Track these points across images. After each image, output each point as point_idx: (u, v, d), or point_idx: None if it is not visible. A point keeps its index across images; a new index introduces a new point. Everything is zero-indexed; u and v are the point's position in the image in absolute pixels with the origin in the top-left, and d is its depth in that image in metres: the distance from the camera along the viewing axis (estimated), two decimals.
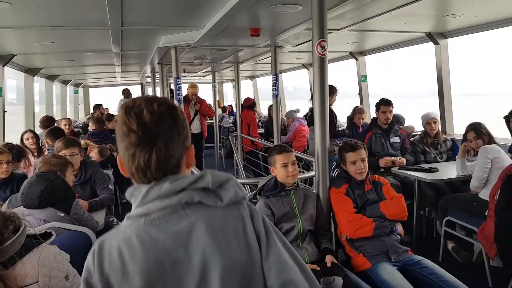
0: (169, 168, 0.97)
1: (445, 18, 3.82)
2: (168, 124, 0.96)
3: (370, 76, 6.37)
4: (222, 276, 0.92)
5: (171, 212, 0.95)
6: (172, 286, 0.93)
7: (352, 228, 2.45)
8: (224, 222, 0.97)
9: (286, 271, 0.98)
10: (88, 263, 0.98)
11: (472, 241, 3.35)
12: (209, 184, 0.97)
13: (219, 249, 0.93)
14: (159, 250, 0.92)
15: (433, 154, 4.32)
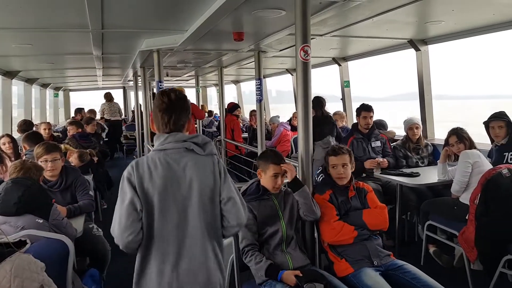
0: (179, 127, 1.72)
1: (426, 25, 3.89)
2: (181, 103, 1.74)
3: (354, 80, 6.44)
4: (199, 189, 1.70)
5: (178, 151, 1.70)
6: (175, 188, 1.68)
7: (334, 235, 2.45)
8: (203, 163, 1.73)
9: (231, 192, 1.75)
10: (129, 169, 1.67)
11: (453, 245, 3.39)
12: (199, 141, 1.73)
13: (198, 176, 1.70)
14: (170, 169, 1.68)
15: (414, 159, 4.37)
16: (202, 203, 1.69)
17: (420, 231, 3.98)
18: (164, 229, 1.66)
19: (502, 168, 2.99)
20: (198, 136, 1.75)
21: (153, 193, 1.65)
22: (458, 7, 3.18)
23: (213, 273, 1.71)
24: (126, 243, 1.65)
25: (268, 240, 2.38)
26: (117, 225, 1.65)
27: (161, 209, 1.65)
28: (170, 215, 1.66)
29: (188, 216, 1.68)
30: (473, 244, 2.98)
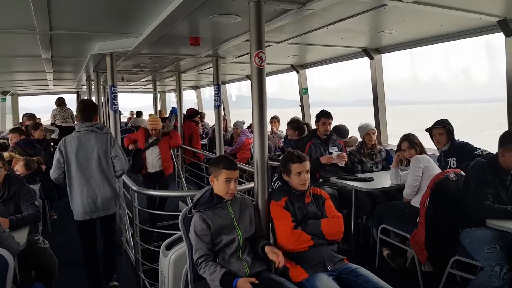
0: (89, 119, 3.24)
1: (379, 35, 4.02)
2: (90, 106, 3.34)
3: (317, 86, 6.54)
4: (97, 151, 3.18)
5: (86, 132, 3.19)
6: (83, 151, 3.16)
7: (291, 244, 2.44)
8: (101, 137, 3.21)
9: (117, 152, 3.25)
10: (60, 143, 3.19)
11: (406, 248, 3.49)
12: (99, 126, 3.26)
13: (97, 144, 3.19)
14: (81, 141, 3.17)
15: (369, 164, 4.49)
16: (99, 158, 3.21)
17: (374, 235, 4.08)
18: (78, 172, 3.18)
19: (450, 172, 3.12)
20: (98, 124, 3.32)
21: (71, 154, 3.17)
22: (408, 18, 3.31)
23: (108, 195, 3.27)
24: (54, 179, 3.23)
25: (223, 248, 2.34)
26: (52, 170, 3.21)
27: (76, 162, 3.17)
28: (80, 165, 3.18)
29: (91, 165, 3.20)
30: (424, 246, 3.08)
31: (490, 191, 2.68)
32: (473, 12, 3.05)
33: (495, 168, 2.73)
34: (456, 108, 65.29)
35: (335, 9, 2.99)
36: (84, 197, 3.16)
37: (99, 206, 3.22)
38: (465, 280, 2.95)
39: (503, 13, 3.15)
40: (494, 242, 2.61)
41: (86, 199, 3.17)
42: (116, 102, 4.38)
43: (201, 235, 2.29)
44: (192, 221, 2.37)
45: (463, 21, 3.35)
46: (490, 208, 2.62)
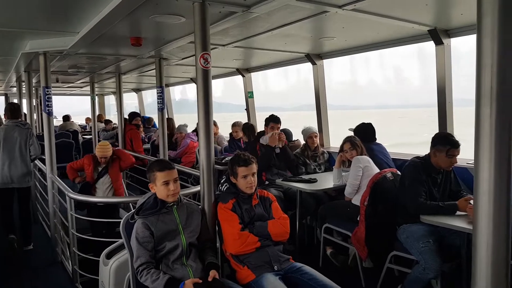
0: (15, 116, 4.39)
1: (320, 41, 4.15)
2: (16, 107, 4.52)
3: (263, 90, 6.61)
4: (19, 140, 4.26)
5: (12, 126, 4.29)
6: (8, 140, 4.25)
7: (238, 246, 2.42)
8: (23, 130, 4.31)
9: (32, 141, 4.34)
10: None
11: (347, 245, 3.62)
12: (22, 122, 4.40)
13: (19, 135, 4.27)
14: (7, 133, 4.26)
15: (312, 165, 4.62)
16: (20, 146, 4.24)
17: (318, 234, 4.19)
18: (5, 153, 4.18)
19: (387, 172, 3.30)
20: (22, 120, 4.44)
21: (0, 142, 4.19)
22: (348, 25, 3.45)
23: (23, 172, 4.24)
24: None
25: (167, 255, 2.27)
26: None
27: (3, 147, 4.18)
28: (6, 149, 4.19)
29: (14, 150, 4.21)
30: (364, 243, 3.22)
31: (424, 189, 2.86)
32: (407, 21, 3.26)
33: (427, 168, 2.92)
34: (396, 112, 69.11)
35: (279, 14, 3.04)
36: (5, 171, 4.18)
37: (15, 180, 4.21)
38: (403, 273, 3.12)
39: (433, 23, 3.40)
40: (427, 236, 2.79)
41: (7, 173, 4.18)
42: (50, 105, 4.09)
43: (143, 242, 2.20)
44: (134, 227, 2.28)
45: (398, 30, 3.56)
46: (424, 205, 2.79)
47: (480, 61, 0.98)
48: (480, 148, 0.98)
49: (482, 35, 0.96)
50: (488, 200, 0.98)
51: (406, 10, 3.02)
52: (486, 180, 0.98)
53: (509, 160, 0.97)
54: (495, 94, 0.94)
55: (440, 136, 2.93)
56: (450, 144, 2.82)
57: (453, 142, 2.82)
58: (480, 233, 1.02)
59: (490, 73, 0.95)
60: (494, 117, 0.94)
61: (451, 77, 3.66)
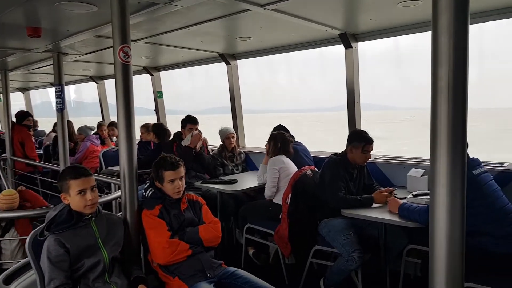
0: None
1: (236, 40, 4.12)
2: None
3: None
4: None
5: None
6: None
7: (168, 255, 2.25)
8: None
9: None
10: None
11: (268, 243, 3.65)
12: None
13: None
14: None
15: (230, 166, 4.59)
16: None
17: (238, 235, 4.16)
18: None
19: (306, 169, 3.40)
20: None
21: None
22: (266, 25, 3.48)
23: None
24: None
25: (86, 274, 2.00)
26: None
27: None
28: None
29: None
30: (287, 240, 3.28)
31: (343, 184, 3.01)
32: (322, 24, 3.39)
33: (345, 163, 3.09)
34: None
35: (200, 9, 2.93)
36: None
37: None
38: (322, 267, 3.24)
39: (343, 27, 3.60)
40: (348, 229, 2.94)
41: None
42: None
43: (57, 261, 1.91)
44: (45, 245, 1.96)
45: (312, 32, 3.69)
46: (344, 199, 2.94)
47: (436, 59, 1.00)
48: (436, 144, 1.01)
49: (438, 33, 0.99)
50: (445, 193, 1.01)
51: (322, 13, 3.14)
52: (444, 173, 1.01)
53: (464, 154, 1.01)
54: (451, 90, 0.97)
55: (356, 133, 3.12)
56: (365, 140, 3.01)
57: (368, 139, 3.02)
58: (438, 225, 1.05)
59: (447, 70, 0.97)
60: (451, 113, 0.97)
61: (359, 79, 3.93)
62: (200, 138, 4.24)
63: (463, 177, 0.99)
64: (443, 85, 0.99)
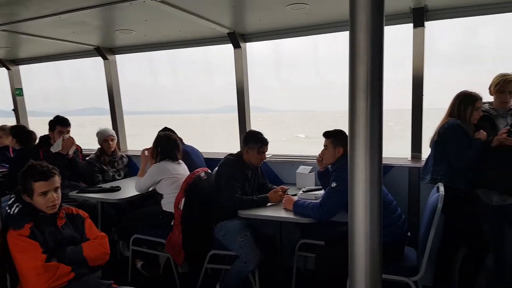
0: None
1: (116, 33, 3.75)
2: None
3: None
4: None
5: None
6: None
7: (45, 283, 1.88)
8: None
9: None
10: None
11: (158, 253, 3.42)
12: None
13: None
14: None
15: (111, 172, 4.17)
16: None
17: (122, 248, 3.81)
18: None
19: (200, 172, 3.27)
20: None
21: None
22: (152, 18, 3.21)
23: None
24: None
25: None
26: None
27: None
28: None
29: None
30: (180, 248, 3.10)
31: (239, 185, 2.97)
32: (210, 21, 3.28)
33: (240, 164, 3.05)
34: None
35: None
36: None
37: None
38: (216, 272, 3.16)
39: (232, 26, 3.56)
40: (245, 230, 2.90)
41: None
42: None
43: None
44: None
45: (200, 29, 3.55)
46: (240, 200, 2.90)
47: (354, 56, 0.99)
48: (355, 141, 1.01)
49: (356, 31, 0.98)
50: (364, 188, 1.01)
51: (213, 10, 3.04)
52: (362, 168, 1.01)
53: (380, 149, 1.02)
54: (369, 87, 0.97)
55: (252, 135, 3.10)
56: (262, 141, 3.02)
57: (264, 140, 3.03)
58: (357, 219, 1.05)
59: (365, 68, 0.97)
60: (369, 109, 0.97)
61: (248, 80, 3.95)
62: (73, 142, 3.73)
63: (379, 171, 0.99)
64: (362, 83, 0.97)
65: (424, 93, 3.23)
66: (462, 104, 2.73)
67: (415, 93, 3.24)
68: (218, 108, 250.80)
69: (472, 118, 2.72)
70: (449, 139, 2.70)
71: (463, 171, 2.68)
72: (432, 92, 9.10)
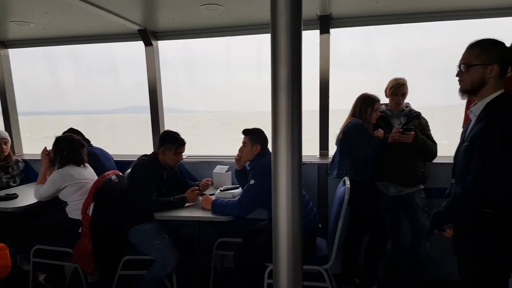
0: None
1: (10, 25, 3.36)
2: None
3: None
4: None
5: None
6: None
7: None
8: None
9: None
10: None
11: (63, 264, 3.17)
12: None
13: None
14: None
15: (4, 179, 3.74)
16: None
17: (20, 262, 3.45)
18: None
19: (111, 175, 3.09)
20: None
21: None
22: (54, 9, 2.93)
23: None
24: None
25: None
26: None
27: None
28: None
29: None
30: (90, 256, 2.91)
31: (154, 186, 2.88)
32: (119, 17, 3.12)
33: (156, 165, 2.96)
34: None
35: None
36: None
37: None
38: (128, 277, 3.02)
39: (143, 23, 3.42)
40: (162, 232, 2.83)
41: None
42: None
43: None
44: None
45: (110, 24, 3.35)
46: (156, 202, 2.81)
47: (276, 56, 1.07)
48: (278, 138, 1.09)
49: (277, 32, 1.06)
50: (286, 181, 1.10)
51: (122, 4, 2.90)
52: (284, 163, 1.09)
53: (300, 145, 1.12)
54: (291, 86, 1.06)
55: (168, 135, 3.02)
56: (179, 142, 2.97)
57: (181, 140, 2.98)
58: (280, 212, 1.13)
59: (286, 67, 1.05)
60: (290, 107, 1.06)
61: (161, 79, 3.84)
62: None
63: (299, 165, 1.07)
64: (283, 82, 1.05)
65: (330, 95, 3.48)
66: (363, 105, 3.00)
67: (322, 95, 3.48)
68: (125, 108, 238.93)
69: (371, 118, 3.01)
70: (352, 137, 2.95)
71: (365, 165, 2.95)
72: (338, 94, 9.75)
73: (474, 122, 1.78)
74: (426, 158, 2.99)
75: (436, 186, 2.96)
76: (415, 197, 2.97)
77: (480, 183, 1.64)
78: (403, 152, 2.90)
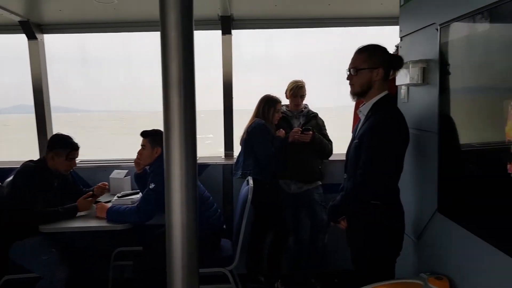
0: None
1: None
2: None
3: None
4: None
5: None
6: None
7: None
8: None
9: None
10: None
11: None
12: None
13: None
14: None
15: None
16: None
17: None
18: None
19: None
20: None
21: None
22: None
23: None
24: None
25: None
26: None
27: None
28: None
29: None
30: None
31: (41, 197, 2.56)
32: None
33: (43, 172, 2.64)
34: None
35: None
36: None
37: None
38: None
39: (25, 14, 3.04)
40: (48, 246, 2.54)
41: None
42: None
43: None
44: None
45: None
46: (40, 214, 2.51)
47: (167, 55, 1.04)
48: (171, 137, 1.05)
49: (168, 29, 1.03)
50: (180, 182, 1.07)
51: None
52: (178, 164, 1.05)
53: (195, 146, 1.09)
54: (183, 84, 1.03)
55: (59, 139, 2.72)
56: (71, 146, 2.69)
57: (74, 145, 2.70)
58: (174, 214, 1.09)
59: (177, 65, 1.02)
60: (183, 105, 1.03)
61: (47, 76, 3.46)
62: None
63: (194, 164, 1.04)
64: (174, 80, 1.00)
65: (234, 96, 3.49)
66: (266, 106, 3.07)
67: (225, 96, 3.47)
68: (13, 107, 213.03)
69: (274, 119, 3.09)
70: (256, 137, 3.00)
71: (267, 164, 3.02)
72: (242, 95, 9.92)
73: (363, 120, 1.93)
74: (323, 156, 3.17)
75: (331, 182, 3.15)
76: (314, 193, 3.13)
77: (368, 181, 1.79)
78: (302, 150, 3.03)
